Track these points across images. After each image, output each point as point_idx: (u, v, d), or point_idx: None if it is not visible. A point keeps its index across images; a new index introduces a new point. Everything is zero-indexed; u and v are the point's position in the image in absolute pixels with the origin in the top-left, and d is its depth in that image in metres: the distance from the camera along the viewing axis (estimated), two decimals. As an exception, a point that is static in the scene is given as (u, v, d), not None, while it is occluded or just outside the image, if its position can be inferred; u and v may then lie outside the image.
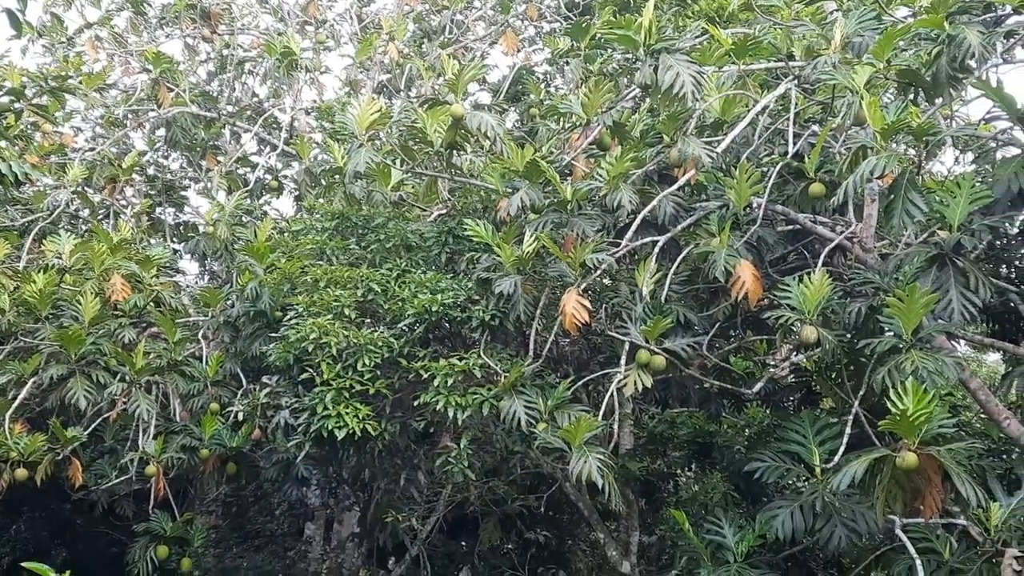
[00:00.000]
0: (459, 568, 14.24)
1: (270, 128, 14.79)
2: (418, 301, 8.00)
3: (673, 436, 11.63)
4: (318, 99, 15.18)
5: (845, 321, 7.33)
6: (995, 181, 6.72)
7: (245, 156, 14.95)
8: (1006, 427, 7.58)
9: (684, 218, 8.08)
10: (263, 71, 14.52)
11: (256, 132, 14.21)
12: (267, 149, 14.99)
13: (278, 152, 13.90)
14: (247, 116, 14.91)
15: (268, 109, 15.04)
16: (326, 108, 13.46)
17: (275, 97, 15.60)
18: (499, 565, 13.24)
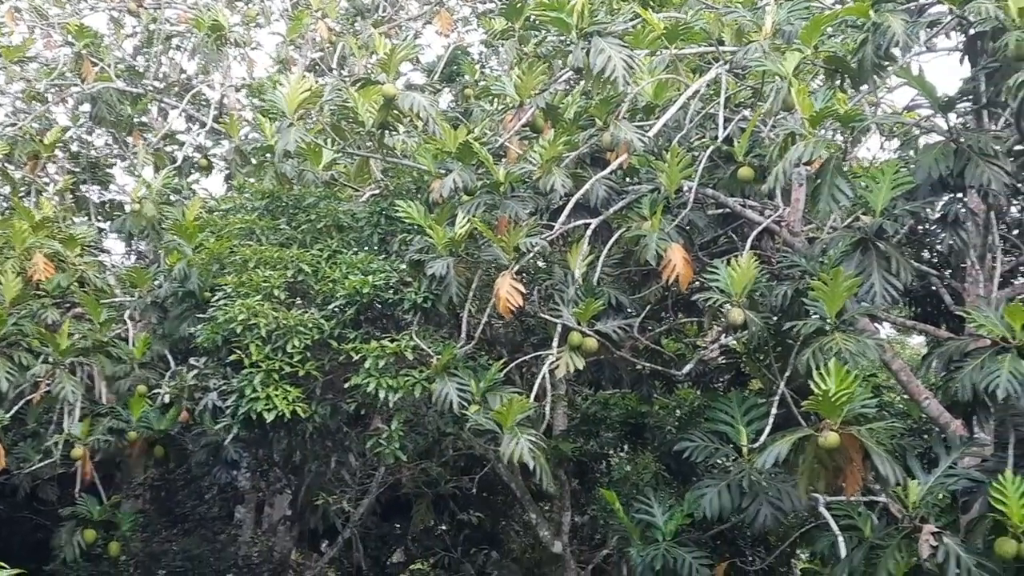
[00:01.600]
0: (392, 550, 14.23)
1: (199, 105, 14.48)
2: (349, 282, 7.92)
3: (606, 417, 11.73)
4: (249, 76, 14.90)
5: (772, 304, 7.45)
6: (917, 167, 6.88)
7: (173, 133, 14.62)
8: (926, 407, 7.80)
9: (616, 201, 8.12)
10: (191, 46, 14.19)
11: (184, 109, 13.90)
12: (196, 126, 14.67)
13: (207, 130, 13.62)
14: (175, 92, 14.57)
15: (197, 85, 14.72)
16: (257, 85, 13.22)
17: (204, 73, 15.27)
18: (432, 546, 13.26)
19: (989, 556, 6.39)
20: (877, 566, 6.53)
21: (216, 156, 14.66)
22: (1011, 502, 6.20)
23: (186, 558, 11.65)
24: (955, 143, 6.87)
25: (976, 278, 7.88)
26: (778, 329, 7.62)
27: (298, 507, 11.19)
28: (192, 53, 14.65)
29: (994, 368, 6.42)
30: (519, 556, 13.08)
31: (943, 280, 8.95)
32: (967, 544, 6.43)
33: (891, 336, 19.24)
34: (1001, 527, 6.35)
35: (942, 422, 7.61)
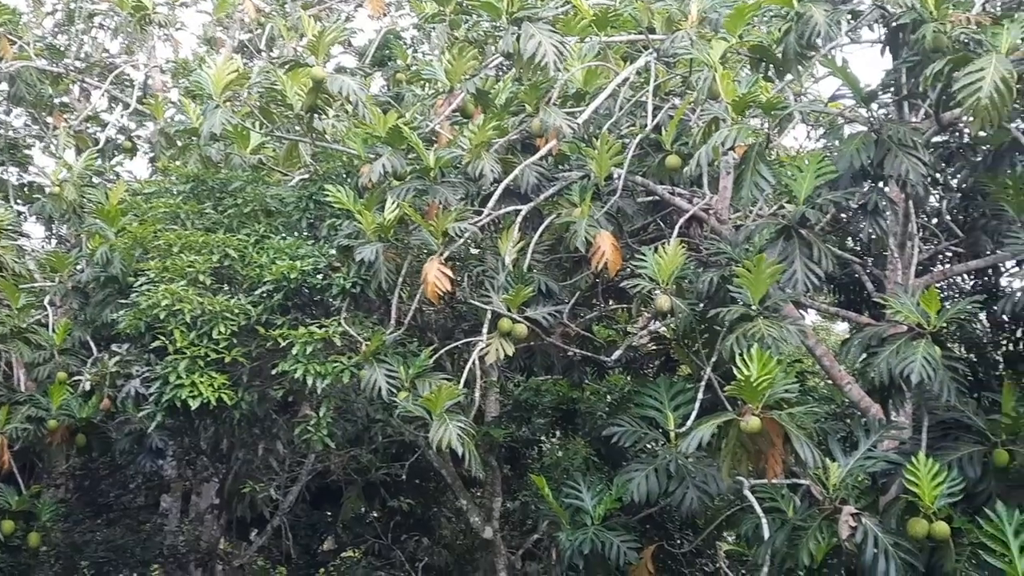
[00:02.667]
0: (323, 538, 14.12)
1: (122, 86, 14.12)
2: (277, 268, 7.82)
3: (537, 403, 11.77)
4: (174, 57, 14.58)
5: (699, 290, 7.55)
6: (839, 157, 7.01)
7: (95, 114, 14.24)
8: (848, 392, 7.98)
9: (547, 188, 8.14)
10: (114, 25, 13.83)
11: (107, 90, 13.54)
12: (119, 108, 14.31)
13: (131, 111, 13.29)
14: (97, 72, 14.18)
15: (120, 66, 14.34)
16: (182, 66, 12.94)
17: (128, 54, 14.89)
18: (363, 534, 13.18)
19: (904, 535, 6.58)
20: (799, 547, 6.66)
21: (140, 138, 14.34)
22: (923, 484, 6.38)
23: (110, 548, 11.41)
24: (876, 134, 7.01)
25: (895, 266, 8.08)
26: (705, 315, 7.72)
27: (225, 495, 11.04)
28: (115, 32, 14.29)
29: (909, 353, 6.58)
30: (450, 542, 13.09)
31: (865, 268, 9.16)
32: (884, 524, 6.60)
33: (816, 323, 19.69)
34: (914, 508, 6.54)
35: (863, 406, 7.79)
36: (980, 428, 7.08)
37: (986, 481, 6.92)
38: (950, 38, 6.68)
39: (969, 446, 7.02)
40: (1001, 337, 10.81)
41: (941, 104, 7.29)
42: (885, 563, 6.35)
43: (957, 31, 6.68)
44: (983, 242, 9.06)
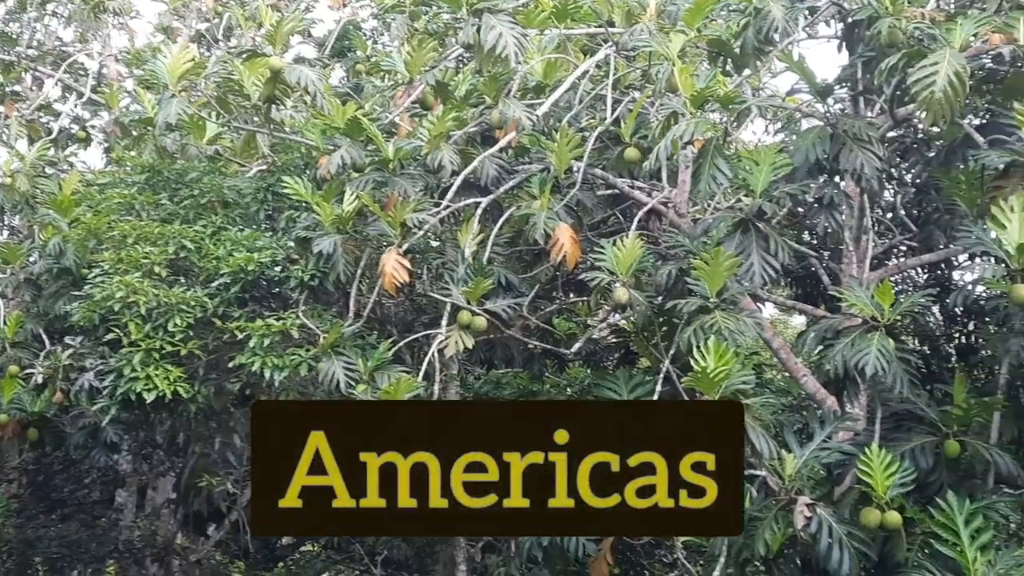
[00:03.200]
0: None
1: (76, 75, 13.89)
2: (234, 259, 7.74)
3: (498, 396, 11.76)
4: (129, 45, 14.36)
5: (658, 283, 7.59)
6: (795, 151, 7.08)
7: (48, 103, 13.98)
8: (804, 384, 8.08)
9: (506, 180, 8.14)
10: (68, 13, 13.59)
11: (60, 78, 13.31)
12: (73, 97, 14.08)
13: (85, 100, 13.08)
14: (50, 61, 13.94)
15: (73, 54, 14.10)
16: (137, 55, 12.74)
17: (82, 42, 14.64)
18: (322, 527, 13.10)
19: (858, 525, 6.67)
20: (755, 537, 6.72)
21: (95, 128, 14.10)
22: (876, 474, 6.46)
23: (64, 544, 11.26)
24: (832, 128, 7.10)
25: (851, 259, 8.18)
26: (663, 308, 7.76)
27: (182, 490, 10.92)
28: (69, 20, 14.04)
29: (864, 346, 6.66)
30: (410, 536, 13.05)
31: (821, 261, 9.26)
32: (838, 514, 6.69)
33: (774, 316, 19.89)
34: (868, 498, 6.62)
35: (818, 398, 7.89)
36: (932, 419, 7.19)
37: (937, 471, 7.03)
38: (905, 33, 6.77)
39: (921, 437, 7.13)
40: (954, 330, 10.99)
41: (896, 99, 7.39)
42: (839, 553, 6.43)
43: (912, 27, 6.77)
44: (936, 236, 9.20)
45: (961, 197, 7.66)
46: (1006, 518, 7.04)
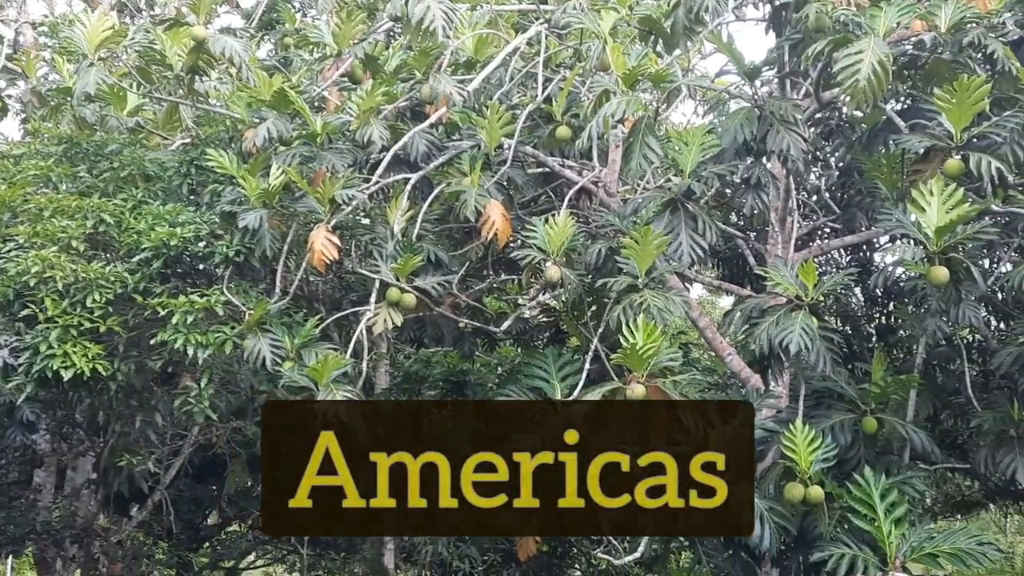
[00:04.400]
0: (207, 512, 13.83)
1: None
2: (156, 234, 7.55)
3: (428, 375, 11.72)
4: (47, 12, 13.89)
5: (588, 262, 7.61)
6: (723, 132, 7.15)
7: (-39, 72, 13.45)
8: (729, 362, 8.19)
9: (437, 156, 8.07)
10: (-18, -22, 13.08)
11: (-26, 46, 12.80)
12: (-13, 65, 13.55)
13: (0, 69, 12.59)
14: (-36, 28, 13.41)
15: (-11, 21, 13.59)
16: (55, 23, 12.32)
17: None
18: (248, 508, 12.95)
19: (780, 501, 6.81)
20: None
21: (11, 98, 13.57)
22: (799, 450, 6.60)
23: (-22, 527, 10.94)
24: (759, 110, 7.18)
25: (776, 240, 8.30)
26: (593, 287, 7.79)
27: (102, 470, 10.68)
28: (-18, -14, 13.52)
29: (788, 324, 6.78)
30: (338, 515, 12.96)
31: (748, 242, 9.39)
32: (760, 490, 6.82)
33: (702, 297, 20.17)
34: (791, 473, 6.76)
35: (743, 376, 8.01)
36: (852, 397, 7.37)
37: (856, 447, 7.22)
38: (831, 18, 6.87)
39: (841, 414, 7.31)
40: (874, 311, 11.27)
41: (821, 83, 7.50)
42: (760, 527, 6.57)
43: (838, 12, 6.88)
44: (858, 218, 9.40)
45: (882, 180, 7.82)
46: (921, 493, 7.25)
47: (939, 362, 9.49)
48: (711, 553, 7.51)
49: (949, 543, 6.38)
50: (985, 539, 6.57)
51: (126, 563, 11.27)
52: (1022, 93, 7.02)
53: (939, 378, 9.50)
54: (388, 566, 10.46)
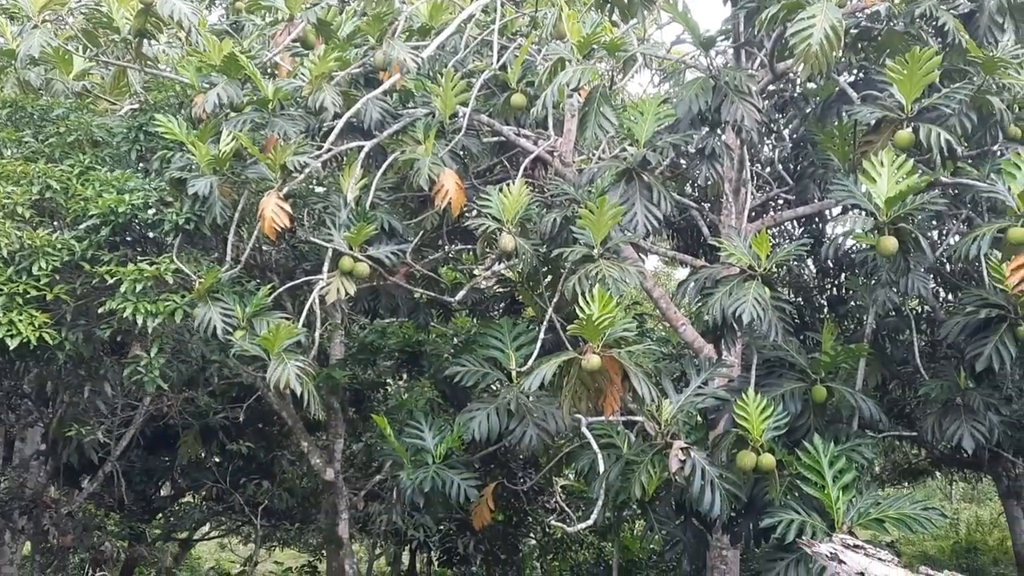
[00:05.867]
0: (159, 484, 13.71)
1: (-69, 2, 12.97)
2: (103, 201, 7.40)
3: (383, 346, 11.67)
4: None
5: (542, 231, 7.59)
6: (678, 102, 7.15)
7: (-100, 34, 13.04)
8: (683, 332, 8.25)
9: (390, 124, 7.98)
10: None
11: (-87, 6, 12.40)
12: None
13: (-58, 31, 12.24)
14: (-97, -13, 12.97)
15: (-71, -19, 13.16)
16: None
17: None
18: (201, 479, 12.86)
19: (731, 468, 6.89)
20: (631, 480, 6.89)
21: (-47, 61, 13.24)
22: (751, 418, 6.67)
23: (-75, 499, 10.74)
24: (714, 80, 7.18)
25: (730, 211, 8.35)
26: (548, 257, 7.78)
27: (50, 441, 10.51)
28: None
29: (741, 294, 6.83)
30: (292, 485, 12.92)
31: (703, 213, 9.44)
32: (712, 458, 6.89)
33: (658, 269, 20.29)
34: (743, 441, 6.84)
35: (696, 347, 8.08)
36: (802, 366, 7.45)
37: (806, 415, 7.32)
38: (785, -13, 6.87)
39: (792, 383, 7.39)
40: (826, 282, 11.43)
41: (775, 54, 7.53)
42: (711, 494, 6.64)
43: (793, -19, 6.87)
44: (811, 190, 9.48)
45: (835, 152, 7.88)
46: (869, 461, 7.36)
47: (888, 332, 9.65)
48: (663, 520, 7.59)
49: (895, 509, 6.49)
50: (930, 505, 6.68)
51: (77, 535, 11.13)
52: (972, 66, 7.09)
53: (888, 348, 9.67)
54: (343, 536, 10.44)
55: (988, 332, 7.19)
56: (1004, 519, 13.62)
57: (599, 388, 6.72)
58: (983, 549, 18.97)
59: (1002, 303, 7.26)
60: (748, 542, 7.37)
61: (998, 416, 7.67)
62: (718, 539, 8.23)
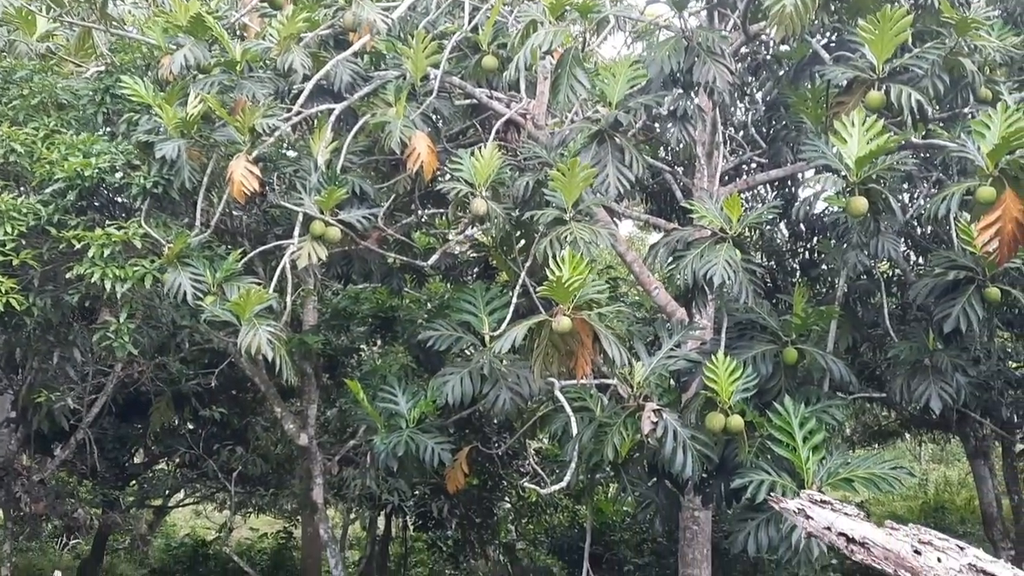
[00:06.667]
0: (132, 451, 13.66)
1: None
2: (69, 165, 7.29)
3: (356, 311, 11.64)
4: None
5: (515, 195, 7.56)
6: (650, 63, 7.10)
7: None
8: (655, 296, 8.26)
9: (361, 86, 7.90)
10: None
11: None
12: None
13: (-100, -9, 11.95)
14: None
15: None
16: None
17: None
18: (174, 445, 12.81)
19: (702, 429, 6.94)
20: (604, 442, 6.92)
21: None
22: (721, 381, 6.70)
23: None
24: (686, 40, 7.14)
25: (703, 174, 8.35)
26: (520, 220, 7.76)
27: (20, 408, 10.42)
28: None
29: (712, 256, 6.84)
30: (266, 451, 12.91)
31: (676, 177, 9.43)
32: (683, 419, 6.93)
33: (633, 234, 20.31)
34: (713, 403, 6.88)
35: (669, 310, 8.10)
36: (774, 328, 7.50)
37: (776, 377, 7.37)
38: (759, -53, 6.83)
39: (763, 345, 7.43)
40: (799, 246, 11.48)
41: (749, 15, 7.49)
42: (683, 456, 6.69)
43: (766, -60, 6.83)
44: (784, 153, 9.49)
45: (807, 114, 7.88)
46: (839, 422, 7.43)
47: (859, 295, 9.71)
48: (635, 482, 7.64)
49: (864, 468, 6.55)
50: (898, 464, 6.77)
51: (49, 502, 11.08)
52: (944, 27, 7.09)
53: (859, 311, 9.73)
54: (317, 500, 10.45)
55: (956, 294, 7.26)
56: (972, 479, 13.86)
57: (570, 350, 6.72)
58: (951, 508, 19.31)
59: (970, 265, 7.33)
60: (720, 503, 7.44)
61: (965, 377, 7.75)
62: (690, 500, 8.30)
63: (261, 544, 17.33)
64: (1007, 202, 6.20)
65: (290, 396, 12.12)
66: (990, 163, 6.26)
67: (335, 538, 11.15)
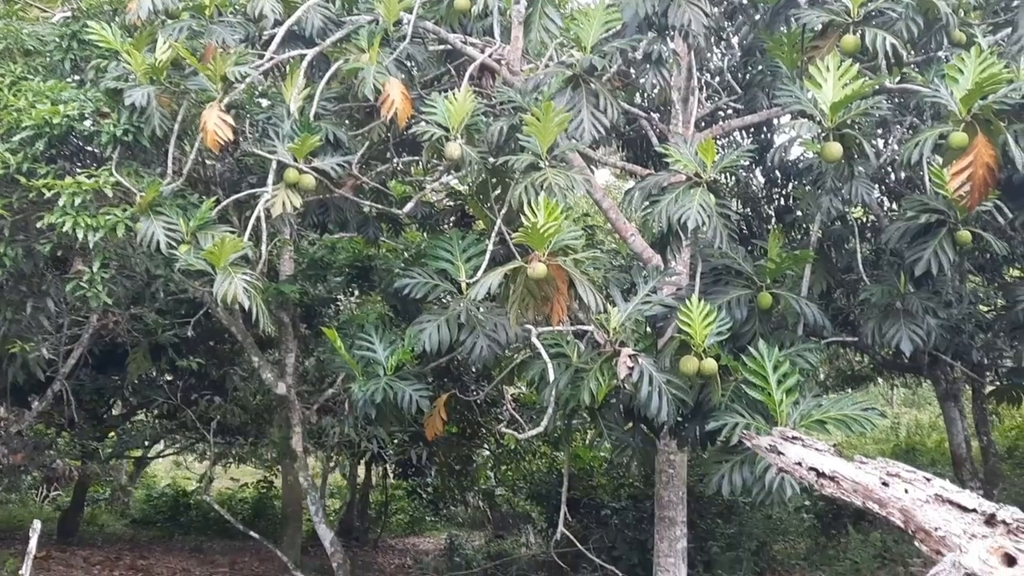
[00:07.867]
0: (110, 402, 13.65)
1: None
2: (37, 112, 7.18)
3: (333, 261, 11.61)
4: None
5: (489, 140, 7.52)
6: (626, 6, 7.04)
7: None
8: (631, 243, 8.28)
9: (333, 32, 7.80)
10: None
11: None
12: None
13: None
14: None
15: None
16: None
17: None
18: (152, 396, 12.81)
19: (677, 373, 7.00)
20: (580, 388, 6.97)
21: None
22: (695, 324, 6.75)
23: None
24: (662, -18, 7.08)
25: (678, 120, 8.33)
26: (496, 167, 7.72)
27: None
28: None
29: (687, 201, 6.85)
30: (245, 401, 12.93)
31: (652, 123, 9.40)
32: (659, 364, 6.99)
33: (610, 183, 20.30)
34: (687, 347, 6.93)
35: (644, 257, 8.12)
36: (749, 273, 7.54)
37: (751, 322, 7.43)
38: None
39: (738, 290, 7.48)
40: (774, 192, 11.51)
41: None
42: (658, 400, 6.75)
43: None
44: (760, 98, 9.47)
45: (783, 59, 7.85)
46: (813, 365, 7.51)
47: (833, 241, 9.78)
48: (612, 426, 7.70)
49: (836, 410, 6.63)
50: (870, 406, 6.86)
51: (28, 453, 11.08)
52: (919, -30, 7.06)
53: (833, 256, 9.81)
54: (297, 449, 10.50)
55: (928, 237, 7.32)
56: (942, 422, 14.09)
57: (545, 296, 6.74)
58: (922, 451, 19.66)
59: (942, 208, 7.38)
60: (695, 445, 7.53)
61: (936, 320, 7.84)
62: (666, 443, 8.41)
63: (242, 494, 17.44)
64: (979, 147, 6.24)
65: (268, 346, 12.12)
66: (963, 108, 6.27)
67: (315, 486, 11.22)
